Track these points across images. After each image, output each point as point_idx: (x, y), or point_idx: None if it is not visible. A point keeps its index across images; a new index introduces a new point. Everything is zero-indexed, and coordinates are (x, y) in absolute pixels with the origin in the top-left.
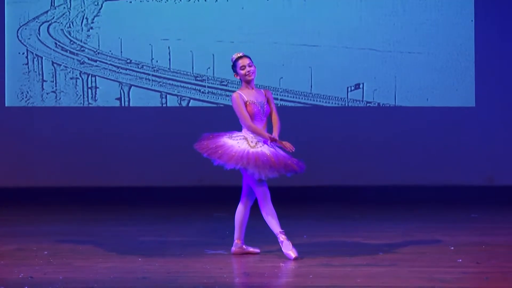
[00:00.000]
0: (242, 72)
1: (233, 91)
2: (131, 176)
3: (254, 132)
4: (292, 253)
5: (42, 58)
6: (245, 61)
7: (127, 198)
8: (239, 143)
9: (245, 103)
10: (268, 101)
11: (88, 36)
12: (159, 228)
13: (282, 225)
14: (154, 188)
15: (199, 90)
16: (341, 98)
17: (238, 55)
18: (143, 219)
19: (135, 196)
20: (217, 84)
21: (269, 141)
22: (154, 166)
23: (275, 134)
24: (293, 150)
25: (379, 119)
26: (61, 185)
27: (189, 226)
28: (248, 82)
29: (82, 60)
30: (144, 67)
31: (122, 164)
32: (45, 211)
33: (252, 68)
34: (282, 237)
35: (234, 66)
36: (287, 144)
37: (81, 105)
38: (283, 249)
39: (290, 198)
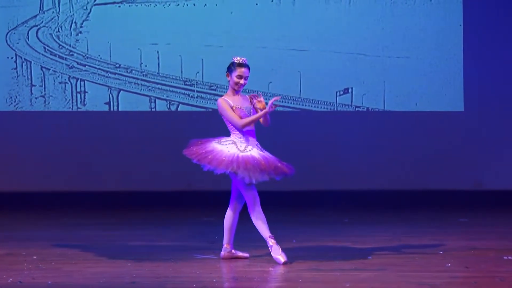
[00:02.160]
0: (236, 80)
1: (222, 96)
2: (120, 181)
3: (248, 123)
4: (281, 257)
5: (31, 62)
6: (245, 73)
7: (116, 203)
8: (228, 148)
9: (232, 108)
10: (254, 106)
11: (77, 40)
12: (148, 233)
13: (271, 230)
14: (143, 193)
15: (188, 95)
16: (330, 103)
17: (242, 61)
18: (132, 223)
19: (124, 201)
20: (206, 89)
21: (268, 112)
22: (143, 171)
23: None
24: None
25: (368, 124)
26: (50, 189)
27: (178, 230)
28: (236, 90)
29: (71, 65)
30: (133, 71)
31: (111, 169)
32: (33, 215)
33: (245, 82)
34: (271, 242)
35: (231, 68)
36: (276, 98)
37: (70, 109)
38: (272, 254)
39: (279, 203)
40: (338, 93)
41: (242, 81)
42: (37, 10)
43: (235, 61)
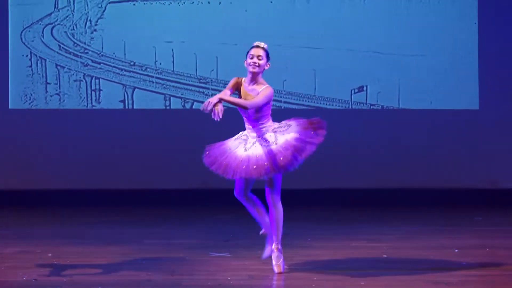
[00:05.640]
0: (248, 60)
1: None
2: (134, 178)
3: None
4: (277, 268)
5: (45, 60)
6: (257, 52)
7: (130, 201)
8: (238, 148)
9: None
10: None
11: (92, 38)
12: (162, 230)
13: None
14: (158, 191)
15: (203, 93)
16: (344, 101)
17: (257, 43)
18: (146, 221)
19: (138, 199)
20: (221, 87)
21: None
22: (158, 168)
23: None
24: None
25: (383, 122)
26: (65, 187)
27: (193, 228)
28: (252, 74)
29: (85, 63)
30: (148, 69)
31: (126, 166)
32: (49, 213)
33: (260, 61)
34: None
35: (248, 52)
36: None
37: (85, 107)
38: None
39: (293, 201)
40: (353, 91)
41: (252, 60)
42: (52, 8)
43: (253, 44)
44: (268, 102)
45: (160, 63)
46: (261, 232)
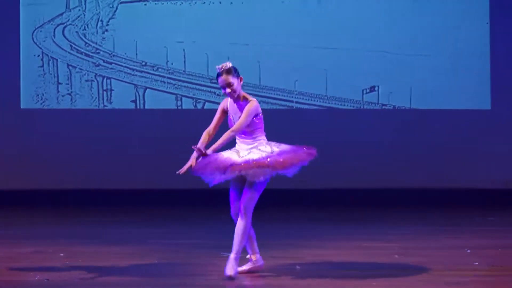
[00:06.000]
0: (222, 92)
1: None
2: (146, 179)
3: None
4: (230, 270)
5: (57, 60)
6: (226, 80)
7: (142, 201)
8: (232, 155)
9: (225, 111)
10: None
11: (103, 38)
12: (175, 230)
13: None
14: (169, 191)
15: (214, 93)
16: (356, 101)
17: (219, 69)
18: (158, 221)
19: (150, 199)
20: None
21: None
22: (170, 168)
23: (212, 147)
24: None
25: (395, 122)
26: (76, 187)
27: (206, 228)
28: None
29: (97, 63)
30: (159, 69)
31: (137, 166)
32: (60, 213)
33: (233, 87)
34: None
35: (217, 79)
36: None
37: (97, 107)
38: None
39: (306, 201)
40: (364, 91)
41: (226, 91)
42: (64, 8)
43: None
44: (255, 115)
45: (172, 63)
46: (248, 256)
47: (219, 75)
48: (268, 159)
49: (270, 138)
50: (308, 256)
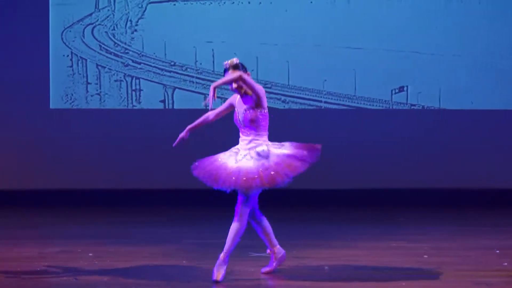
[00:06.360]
0: (230, 88)
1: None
2: (174, 179)
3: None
4: (218, 274)
5: (86, 60)
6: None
7: (169, 201)
8: (229, 160)
9: (233, 106)
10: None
11: (132, 38)
12: (200, 230)
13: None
14: (196, 191)
15: None
16: (385, 101)
17: (226, 65)
18: (185, 221)
19: (177, 199)
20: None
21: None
22: None
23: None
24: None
25: (424, 122)
26: (106, 187)
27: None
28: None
29: (126, 63)
30: (188, 69)
31: (165, 167)
32: (89, 213)
33: (238, 83)
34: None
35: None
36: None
37: (125, 107)
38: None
39: (335, 201)
40: (393, 91)
41: (233, 87)
42: (93, 8)
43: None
44: (260, 93)
45: (201, 63)
46: (268, 252)
47: (226, 70)
48: (260, 171)
49: (299, 137)
50: (336, 257)
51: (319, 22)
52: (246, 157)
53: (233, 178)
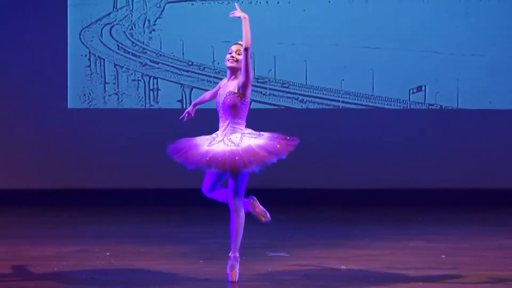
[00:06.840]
0: (227, 56)
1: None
2: (191, 178)
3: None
4: (232, 275)
5: (104, 60)
6: (237, 47)
7: (186, 200)
8: (204, 143)
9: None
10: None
11: (150, 38)
12: (217, 229)
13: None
14: None
15: (261, 92)
16: (403, 101)
17: (240, 42)
18: (202, 221)
19: (193, 198)
20: (279, 86)
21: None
22: None
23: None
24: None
25: (442, 122)
26: (123, 186)
27: (250, 228)
28: (231, 70)
29: (144, 62)
30: (206, 69)
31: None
32: (106, 212)
33: (238, 56)
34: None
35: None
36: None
37: (143, 107)
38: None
39: (352, 201)
40: (411, 91)
41: (230, 55)
42: (111, 8)
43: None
44: (250, 77)
45: (218, 63)
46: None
47: (235, 43)
48: (226, 155)
49: (317, 136)
50: (353, 257)
51: (337, 22)
52: (219, 143)
53: (198, 157)
